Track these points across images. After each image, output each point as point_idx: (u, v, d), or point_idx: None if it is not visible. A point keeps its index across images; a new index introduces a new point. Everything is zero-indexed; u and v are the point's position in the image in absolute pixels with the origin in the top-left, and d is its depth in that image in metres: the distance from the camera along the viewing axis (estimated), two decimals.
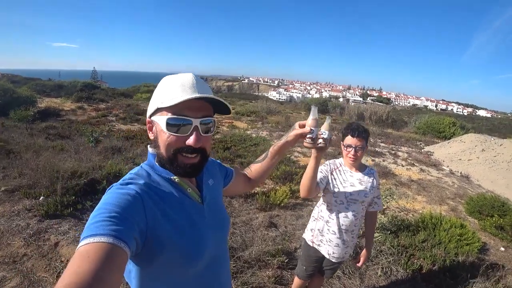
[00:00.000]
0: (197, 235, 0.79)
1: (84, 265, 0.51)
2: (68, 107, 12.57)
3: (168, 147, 0.76)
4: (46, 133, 7.42)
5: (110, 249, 0.55)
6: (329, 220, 1.86)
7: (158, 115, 0.77)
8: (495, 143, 9.08)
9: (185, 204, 0.81)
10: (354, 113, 20.23)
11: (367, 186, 1.81)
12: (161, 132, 0.76)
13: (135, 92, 19.63)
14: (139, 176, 0.78)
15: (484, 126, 29.51)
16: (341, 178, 1.82)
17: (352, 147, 1.72)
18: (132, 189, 0.70)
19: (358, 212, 1.83)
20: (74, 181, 3.47)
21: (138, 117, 11.21)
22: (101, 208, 0.63)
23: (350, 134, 1.72)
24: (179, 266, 0.76)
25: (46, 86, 17.51)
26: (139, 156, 5.77)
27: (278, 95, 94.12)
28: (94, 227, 0.58)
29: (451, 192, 6.16)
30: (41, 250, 2.57)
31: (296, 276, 2.16)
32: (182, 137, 0.75)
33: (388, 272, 2.90)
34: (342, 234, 1.85)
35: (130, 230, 0.62)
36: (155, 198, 0.73)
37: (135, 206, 0.67)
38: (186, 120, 0.74)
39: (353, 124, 1.78)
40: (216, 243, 0.88)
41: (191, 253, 0.76)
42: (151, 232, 0.68)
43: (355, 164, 1.82)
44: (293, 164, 6.56)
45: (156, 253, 0.70)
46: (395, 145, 10.48)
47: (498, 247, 4.01)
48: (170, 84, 0.77)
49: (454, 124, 15.36)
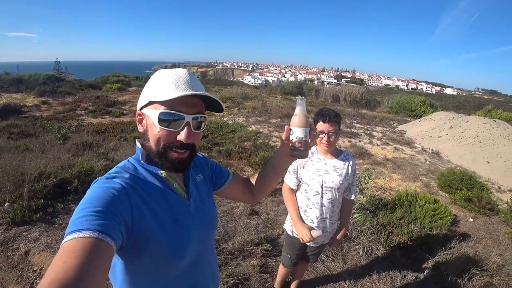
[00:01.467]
0: (181, 231, 0.78)
1: (69, 260, 0.50)
2: (30, 102, 11.72)
3: (158, 141, 0.75)
4: (8, 132, 6.90)
5: (95, 244, 0.55)
6: (306, 210, 1.86)
7: (150, 108, 0.75)
8: (462, 120, 9.58)
9: (171, 199, 0.80)
10: (330, 95, 20.49)
11: (342, 173, 1.79)
12: (152, 126, 0.75)
13: (104, 83, 18.60)
14: (125, 170, 0.77)
15: (451, 103, 31.07)
16: (314, 168, 1.80)
17: (325, 133, 1.70)
18: (118, 183, 0.70)
19: (334, 199, 1.83)
20: (42, 183, 3.24)
21: (109, 109, 10.70)
22: (86, 202, 0.62)
23: (322, 120, 1.69)
24: (162, 261, 0.75)
25: (4, 81, 16.09)
26: (112, 150, 5.52)
27: (253, 79, 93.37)
28: (78, 222, 0.57)
29: (424, 169, 6.47)
30: (10, 261, 2.39)
31: (282, 265, 2.17)
32: (173, 132, 0.74)
33: (369, 252, 3.00)
34: (320, 222, 1.85)
35: (115, 224, 0.61)
36: (140, 193, 0.73)
37: (120, 200, 0.66)
38: (179, 116, 0.73)
39: (324, 109, 1.74)
40: (201, 240, 0.87)
41: (173, 249, 0.75)
42: (136, 227, 0.68)
43: (330, 150, 1.80)
44: (271, 149, 6.56)
45: (140, 247, 0.69)
46: (370, 125, 10.78)
47: (467, 218, 4.28)
48: (164, 78, 0.75)
49: (424, 102, 16.03)
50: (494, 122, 8.86)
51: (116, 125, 8.15)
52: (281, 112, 10.97)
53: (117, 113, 10.23)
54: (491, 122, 8.84)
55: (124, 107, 11.53)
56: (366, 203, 3.84)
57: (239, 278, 2.41)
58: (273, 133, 8.37)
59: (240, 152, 5.96)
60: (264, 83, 77.62)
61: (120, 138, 6.89)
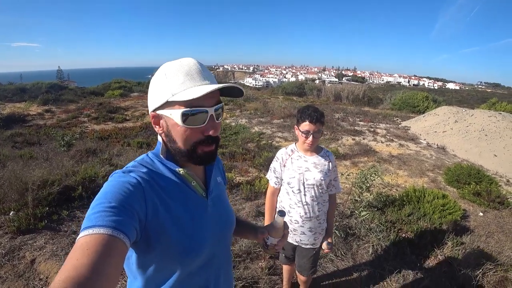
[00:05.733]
0: (195, 229, 0.77)
1: (82, 258, 0.51)
2: (34, 111, 11.81)
3: (187, 141, 0.73)
4: (12, 141, 6.95)
5: (108, 240, 0.55)
6: (290, 210, 1.82)
7: (168, 108, 0.72)
8: (466, 114, 9.47)
9: (188, 197, 0.79)
10: (331, 93, 20.42)
11: (323, 169, 1.76)
12: (176, 126, 0.73)
13: (106, 89, 18.72)
14: (142, 164, 0.76)
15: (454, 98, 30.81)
16: (295, 166, 1.77)
17: (310, 133, 1.66)
18: (133, 177, 0.69)
19: (317, 197, 1.78)
20: (46, 191, 3.22)
21: (112, 115, 10.75)
22: (101, 197, 0.62)
23: (308, 120, 1.64)
24: (173, 258, 0.74)
25: (7, 91, 16.25)
26: (116, 156, 5.52)
27: (254, 81, 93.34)
28: (93, 217, 0.57)
29: (430, 164, 6.38)
30: (16, 270, 2.37)
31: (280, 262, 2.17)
32: (199, 128, 0.73)
33: (378, 249, 2.95)
34: (306, 222, 1.80)
35: (129, 220, 0.61)
36: (156, 188, 0.72)
37: (135, 195, 0.65)
38: (203, 110, 0.71)
39: (309, 108, 1.70)
40: (216, 240, 0.85)
41: (185, 247, 0.74)
42: (149, 222, 0.67)
43: (312, 148, 1.77)
44: (275, 150, 6.53)
45: (151, 242, 0.69)
46: (373, 122, 10.71)
47: (477, 213, 4.20)
48: (174, 73, 0.71)
49: (427, 98, 15.91)
50: (499, 115, 8.74)
51: (119, 131, 8.18)
52: (283, 112, 10.94)
53: (120, 119, 10.26)
54: (496, 115, 8.72)
55: (127, 113, 11.57)
56: (373, 200, 3.78)
57: (248, 281, 2.37)
58: (276, 134, 8.34)
59: (244, 154, 5.94)
60: (265, 84, 77.63)
61: (123, 143, 6.91)
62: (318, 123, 1.65)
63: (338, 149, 7.01)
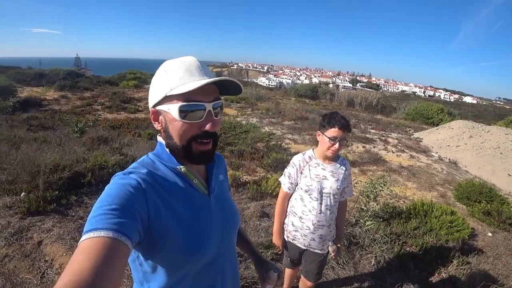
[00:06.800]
0: (199, 228, 0.77)
1: (84, 262, 0.51)
2: (50, 96, 12.09)
3: (183, 136, 0.73)
4: (28, 124, 7.13)
5: (110, 243, 0.54)
6: (302, 217, 1.80)
7: (167, 103, 0.73)
8: (482, 129, 9.23)
9: (190, 195, 0.78)
10: (344, 99, 20.23)
11: (339, 178, 1.75)
12: (173, 121, 0.73)
13: (120, 79, 19.02)
14: (143, 165, 0.76)
15: (470, 112, 30.06)
16: (312, 173, 1.74)
17: (337, 140, 1.64)
18: (134, 179, 0.69)
19: (331, 205, 1.78)
20: (57, 175, 3.30)
21: (125, 106, 10.90)
22: (103, 200, 0.62)
23: (338, 127, 1.63)
24: (179, 258, 0.73)
25: (26, 75, 16.69)
26: (126, 146, 5.60)
27: (268, 81, 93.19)
28: (95, 220, 0.57)
29: (440, 178, 6.25)
30: (23, 250, 2.43)
31: (285, 267, 2.13)
32: (197, 123, 0.72)
33: (381, 261, 2.90)
34: (317, 230, 1.79)
35: (131, 222, 0.61)
36: (157, 188, 0.71)
37: (136, 196, 0.65)
38: (200, 106, 0.71)
39: (337, 114, 1.69)
40: (221, 238, 0.85)
41: (191, 245, 0.74)
42: (152, 223, 0.67)
43: (334, 156, 1.74)
44: (284, 151, 6.51)
45: (156, 243, 0.69)
46: (385, 131, 10.56)
47: (485, 233, 4.09)
48: (174, 69, 0.72)
49: (442, 110, 15.58)
50: None
51: (131, 121, 8.29)
52: (295, 114, 10.89)
53: (133, 109, 10.41)
54: None
55: (140, 104, 11.73)
56: (379, 210, 3.73)
57: (248, 281, 2.37)
58: (286, 135, 8.31)
59: (253, 153, 5.94)
60: (278, 85, 77.40)
61: (134, 134, 7.00)
62: (346, 130, 1.64)
63: (348, 155, 6.94)
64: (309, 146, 7.46)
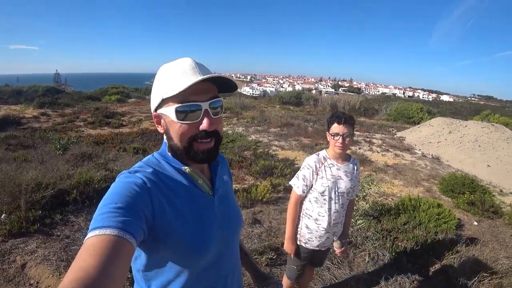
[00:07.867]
0: (202, 227, 0.77)
1: (89, 259, 0.51)
2: (29, 114, 11.70)
3: (182, 137, 0.74)
4: (6, 144, 6.84)
5: (115, 241, 0.55)
6: (318, 218, 1.80)
7: (165, 106, 0.73)
8: (460, 125, 9.61)
9: (194, 195, 0.78)
10: (328, 103, 20.57)
11: (352, 177, 1.80)
12: (172, 123, 0.73)
13: (103, 94, 18.64)
14: (148, 164, 0.76)
15: (448, 110, 31.18)
16: (328, 174, 1.76)
17: (340, 135, 1.67)
18: (139, 178, 0.69)
19: (344, 203, 1.83)
20: (40, 194, 3.17)
21: (108, 121, 10.68)
22: (108, 198, 0.63)
23: (337, 122, 1.68)
24: (182, 257, 0.74)
25: (3, 93, 16.07)
26: (112, 161, 5.47)
27: (252, 90, 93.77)
28: (100, 218, 0.58)
29: (425, 174, 6.43)
30: (6, 274, 2.31)
31: (287, 278, 2.04)
32: (194, 123, 0.73)
33: (375, 258, 2.94)
34: (332, 228, 1.82)
35: (136, 220, 0.61)
36: (162, 188, 0.72)
37: (141, 195, 0.66)
38: (196, 106, 0.71)
39: (338, 112, 1.75)
40: (224, 239, 0.84)
41: (193, 245, 0.74)
42: (157, 222, 0.68)
43: (343, 154, 1.78)
44: (271, 158, 6.53)
45: (160, 242, 0.69)
46: (369, 132, 10.79)
47: (471, 222, 4.23)
48: (169, 72, 0.73)
49: (422, 109, 16.12)
50: (492, 126, 8.88)
51: (115, 136, 8.11)
52: (280, 121, 10.99)
53: (117, 124, 10.21)
54: (489, 126, 8.86)
55: (123, 118, 11.52)
56: (369, 209, 3.79)
57: (248, 280, 2.33)
58: (273, 142, 8.35)
59: (241, 161, 5.92)
60: (262, 93, 78.02)
61: (119, 149, 6.85)
62: (346, 124, 1.67)
63: None
64: (296, 151, 7.52)
